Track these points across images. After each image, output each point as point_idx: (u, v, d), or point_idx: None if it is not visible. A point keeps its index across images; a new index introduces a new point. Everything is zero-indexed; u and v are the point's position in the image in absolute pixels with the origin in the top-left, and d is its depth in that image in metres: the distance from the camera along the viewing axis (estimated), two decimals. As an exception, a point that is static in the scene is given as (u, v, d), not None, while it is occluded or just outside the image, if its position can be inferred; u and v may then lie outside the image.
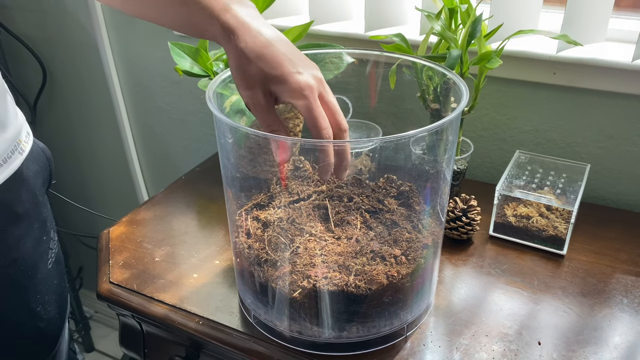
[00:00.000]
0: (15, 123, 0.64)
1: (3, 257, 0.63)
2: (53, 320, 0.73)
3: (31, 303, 0.69)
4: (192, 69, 0.79)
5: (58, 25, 1.33)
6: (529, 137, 0.92)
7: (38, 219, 0.69)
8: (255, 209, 0.65)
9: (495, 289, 0.70)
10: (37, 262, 0.69)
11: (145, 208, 0.88)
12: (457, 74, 0.63)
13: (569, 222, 0.75)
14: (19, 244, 0.65)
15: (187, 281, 0.72)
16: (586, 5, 0.80)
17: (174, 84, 1.26)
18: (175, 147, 1.37)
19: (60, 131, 1.54)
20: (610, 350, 0.60)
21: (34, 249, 0.68)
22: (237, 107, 0.66)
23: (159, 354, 0.75)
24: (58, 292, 0.74)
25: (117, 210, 1.57)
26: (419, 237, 0.61)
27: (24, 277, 0.67)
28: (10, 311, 0.67)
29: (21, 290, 0.67)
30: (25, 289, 0.68)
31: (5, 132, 0.61)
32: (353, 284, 0.55)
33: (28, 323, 0.69)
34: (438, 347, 0.61)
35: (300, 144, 0.60)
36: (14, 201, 0.64)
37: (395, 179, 0.69)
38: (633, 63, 0.77)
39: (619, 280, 0.71)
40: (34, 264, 0.68)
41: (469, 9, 0.72)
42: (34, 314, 0.70)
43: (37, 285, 0.69)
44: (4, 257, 0.64)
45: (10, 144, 0.62)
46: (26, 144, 0.66)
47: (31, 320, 0.69)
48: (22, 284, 0.67)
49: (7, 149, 0.61)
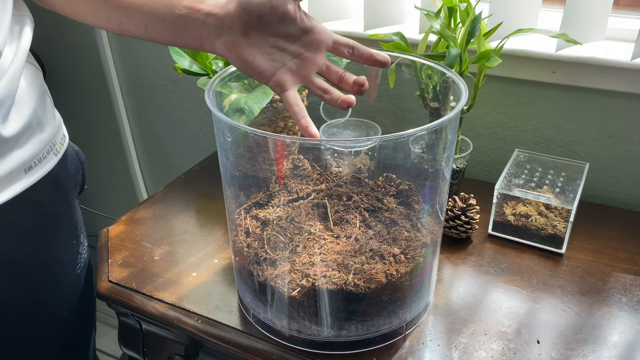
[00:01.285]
0: (53, 124, 0.65)
1: (32, 258, 0.63)
2: (79, 327, 0.73)
3: (57, 307, 0.68)
4: (191, 68, 0.79)
5: (57, 24, 1.33)
6: (528, 135, 0.92)
7: (69, 222, 0.69)
8: (254, 208, 0.65)
9: (494, 288, 0.70)
10: (66, 266, 0.68)
11: (144, 207, 0.88)
12: (456, 72, 0.63)
13: (567, 220, 0.75)
14: (49, 246, 0.65)
15: (186, 280, 0.72)
16: (585, 4, 0.80)
17: (173, 83, 1.26)
18: (174, 146, 1.37)
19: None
20: (609, 349, 0.60)
21: (64, 252, 0.68)
22: (236, 106, 0.66)
23: (158, 352, 0.75)
24: (84, 299, 0.73)
25: (116, 208, 1.56)
26: (418, 236, 0.61)
27: (51, 281, 0.66)
28: (36, 313, 0.66)
29: (48, 294, 0.67)
30: (52, 292, 0.67)
31: (42, 132, 0.61)
32: (352, 283, 0.55)
33: (53, 327, 0.69)
34: (437, 345, 0.61)
35: (299, 142, 0.60)
36: (46, 202, 0.64)
37: (394, 177, 0.69)
38: (632, 62, 0.77)
39: (617, 279, 0.71)
40: (63, 268, 0.68)
41: (468, 7, 0.72)
42: (60, 319, 0.69)
43: (64, 289, 0.69)
44: (32, 258, 0.63)
45: (46, 145, 0.62)
46: (61, 145, 0.66)
47: (56, 324, 0.69)
48: (50, 287, 0.66)
49: (43, 149, 0.61)
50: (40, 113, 0.62)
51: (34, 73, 0.62)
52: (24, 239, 0.62)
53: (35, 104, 0.60)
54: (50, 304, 0.67)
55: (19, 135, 0.57)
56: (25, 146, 0.58)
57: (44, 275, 0.65)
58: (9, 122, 0.56)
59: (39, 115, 0.61)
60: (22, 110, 0.58)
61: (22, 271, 0.62)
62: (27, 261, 0.63)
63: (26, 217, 0.61)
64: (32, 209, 0.61)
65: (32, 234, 0.62)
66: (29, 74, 0.60)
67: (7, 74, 0.54)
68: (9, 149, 0.56)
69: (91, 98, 1.41)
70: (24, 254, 0.62)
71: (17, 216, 0.60)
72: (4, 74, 0.54)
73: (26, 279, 0.63)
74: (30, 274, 0.64)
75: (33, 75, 0.61)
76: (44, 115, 0.63)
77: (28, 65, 0.60)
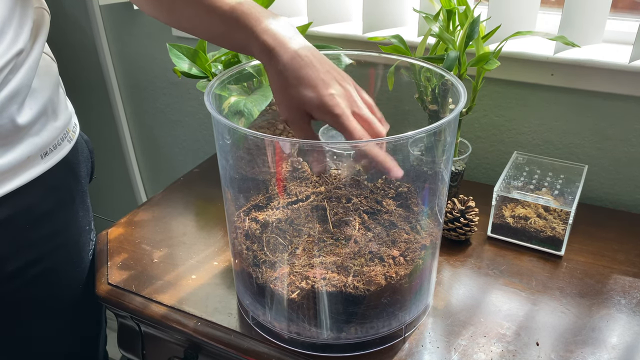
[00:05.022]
0: (66, 112, 0.69)
1: (51, 240, 0.67)
2: (92, 311, 0.76)
3: (74, 292, 0.72)
4: (191, 71, 0.79)
5: (57, 27, 1.32)
6: (526, 138, 0.92)
7: (83, 207, 0.73)
8: (253, 210, 0.65)
9: (494, 290, 0.70)
10: (80, 251, 0.72)
11: (143, 209, 0.88)
12: (455, 75, 0.63)
13: (566, 223, 0.75)
14: (66, 229, 0.69)
15: (186, 282, 0.72)
16: (583, 6, 0.80)
17: (173, 86, 1.26)
18: (173, 149, 1.37)
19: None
20: (608, 351, 0.60)
21: (79, 237, 0.72)
22: (236, 108, 0.66)
23: (157, 355, 0.75)
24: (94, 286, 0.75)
25: (115, 211, 1.56)
26: (417, 238, 0.61)
27: (68, 265, 0.70)
28: (52, 297, 0.69)
29: (66, 278, 0.70)
30: (69, 277, 0.71)
31: (56, 121, 0.65)
32: (351, 285, 0.55)
33: (70, 311, 0.72)
34: (436, 348, 0.61)
35: (298, 145, 0.60)
36: (61, 187, 0.68)
37: (393, 180, 0.69)
38: (630, 64, 0.77)
39: (616, 281, 0.71)
40: (78, 252, 0.72)
41: (466, 10, 0.72)
42: (77, 304, 0.72)
43: (80, 274, 0.72)
44: (51, 240, 0.67)
45: (60, 132, 0.66)
46: (74, 133, 0.71)
47: (73, 308, 0.72)
48: (67, 272, 0.70)
49: (58, 137, 0.65)
50: (55, 102, 0.66)
51: (49, 64, 0.65)
52: (42, 222, 0.65)
53: (50, 93, 0.64)
54: (68, 288, 0.71)
55: (33, 123, 0.61)
56: (42, 133, 0.62)
57: (61, 258, 0.69)
58: (24, 110, 0.59)
59: (54, 103, 0.65)
60: (37, 100, 0.61)
61: (41, 254, 0.66)
62: (45, 245, 0.66)
63: (43, 201, 0.65)
64: (48, 193, 0.65)
65: (50, 217, 0.66)
66: (45, 64, 0.63)
67: (25, 65, 0.58)
68: (24, 135, 0.60)
69: (91, 100, 1.41)
70: (43, 237, 0.66)
71: (35, 200, 0.63)
72: (23, 65, 0.57)
73: (43, 264, 0.66)
74: (48, 259, 0.67)
75: (48, 66, 0.65)
76: (58, 104, 0.67)
77: (44, 56, 0.63)
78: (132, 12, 1.20)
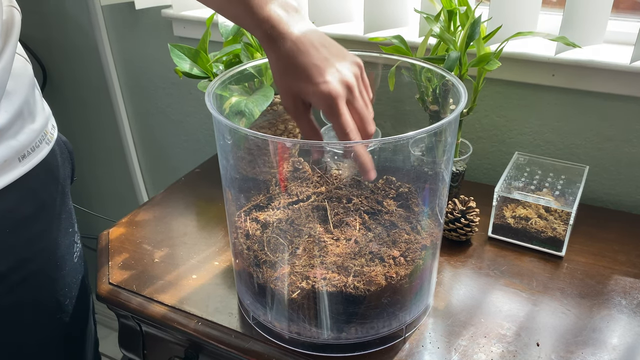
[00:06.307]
0: (43, 114, 0.67)
1: (33, 244, 0.65)
2: (79, 316, 0.74)
3: (59, 296, 0.70)
4: (192, 71, 0.79)
5: (58, 27, 1.33)
6: (527, 138, 0.92)
7: (64, 210, 0.71)
8: (254, 210, 0.65)
9: (494, 290, 0.70)
10: (64, 254, 0.70)
11: (144, 209, 0.89)
12: (456, 75, 0.63)
13: (567, 223, 0.75)
14: (48, 232, 0.67)
15: (187, 282, 0.72)
16: (585, 7, 0.80)
17: (174, 86, 1.26)
18: (174, 149, 1.38)
19: (60, 132, 1.54)
20: (609, 352, 0.60)
21: (62, 239, 0.70)
22: (237, 109, 0.67)
23: (158, 355, 0.75)
24: (82, 288, 0.75)
25: (116, 211, 1.57)
26: (417, 239, 0.61)
27: (52, 269, 0.68)
28: (37, 302, 0.68)
29: (50, 282, 0.69)
30: (53, 281, 0.69)
31: (34, 123, 0.64)
32: (352, 285, 0.55)
33: (55, 316, 0.71)
34: (437, 348, 0.61)
35: (299, 145, 0.60)
36: (41, 190, 0.66)
37: (394, 180, 0.69)
38: (631, 65, 0.77)
39: (617, 281, 0.71)
40: (61, 256, 0.70)
41: (467, 10, 0.72)
42: (62, 308, 0.71)
43: (65, 277, 0.71)
44: (33, 244, 0.65)
45: (38, 134, 0.64)
46: (52, 135, 0.69)
47: (58, 313, 0.71)
48: (51, 276, 0.68)
49: (35, 139, 0.64)
50: (31, 104, 0.64)
51: (23, 65, 0.63)
52: (22, 226, 0.63)
53: (26, 94, 0.62)
54: (52, 293, 0.69)
55: (9, 125, 0.59)
56: (18, 136, 0.61)
57: (43, 264, 0.67)
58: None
59: (30, 105, 0.63)
60: (13, 102, 0.60)
61: (23, 259, 0.64)
62: (27, 249, 0.64)
63: (23, 204, 0.63)
64: (28, 196, 0.63)
65: (31, 221, 0.64)
66: (18, 65, 0.62)
67: None
68: (0, 138, 0.58)
69: (92, 100, 1.41)
70: (24, 241, 0.64)
71: (14, 204, 0.61)
72: None
73: (26, 269, 0.65)
74: (31, 263, 0.65)
75: (22, 67, 0.63)
76: (34, 105, 0.65)
77: (17, 57, 0.62)
78: (133, 13, 1.20)
